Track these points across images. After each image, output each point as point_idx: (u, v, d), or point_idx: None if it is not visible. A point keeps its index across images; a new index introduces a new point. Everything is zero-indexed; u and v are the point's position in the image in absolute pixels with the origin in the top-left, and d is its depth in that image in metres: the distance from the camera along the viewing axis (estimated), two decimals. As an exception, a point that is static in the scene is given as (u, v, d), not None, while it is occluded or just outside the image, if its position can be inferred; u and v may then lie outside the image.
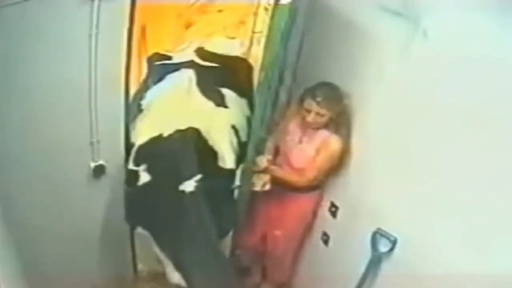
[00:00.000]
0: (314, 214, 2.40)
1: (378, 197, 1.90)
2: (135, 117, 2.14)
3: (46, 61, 1.68)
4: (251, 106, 2.29)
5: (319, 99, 2.05)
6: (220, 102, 2.16)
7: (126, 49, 1.87)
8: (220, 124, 2.07)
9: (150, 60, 2.57)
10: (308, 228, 2.46)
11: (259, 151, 2.17)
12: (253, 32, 2.96)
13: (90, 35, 1.70)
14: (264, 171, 2.18)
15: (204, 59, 2.42)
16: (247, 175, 2.12)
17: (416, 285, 1.66)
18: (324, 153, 2.14)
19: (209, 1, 3.03)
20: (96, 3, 1.65)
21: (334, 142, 2.11)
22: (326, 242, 2.34)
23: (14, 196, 1.80)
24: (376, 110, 1.92)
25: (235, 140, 2.08)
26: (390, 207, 1.83)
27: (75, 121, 1.88)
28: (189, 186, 1.82)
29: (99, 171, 2.05)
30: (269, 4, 2.60)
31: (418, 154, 1.68)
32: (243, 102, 2.32)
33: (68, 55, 1.72)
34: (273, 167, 2.21)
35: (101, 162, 2.03)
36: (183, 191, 1.81)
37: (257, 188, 2.19)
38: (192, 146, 1.90)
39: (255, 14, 2.92)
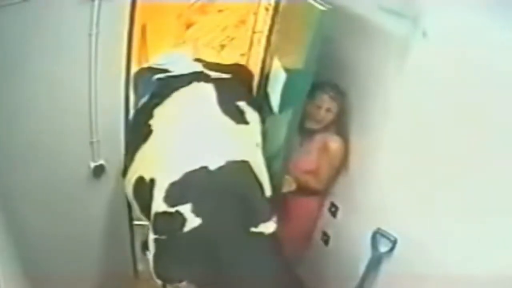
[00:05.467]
0: (317, 217, 2.39)
1: (378, 197, 1.90)
2: (144, 139, 1.90)
3: (46, 61, 1.68)
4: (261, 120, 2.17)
5: (332, 93, 2.05)
6: (242, 119, 1.99)
7: (126, 49, 1.87)
8: (254, 150, 1.90)
9: (139, 75, 2.27)
10: (311, 231, 2.46)
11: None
12: (254, 32, 2.96)
13: (90, 35, 1.70)
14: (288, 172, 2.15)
15: (210, 70, 2.21)
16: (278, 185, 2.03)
17: (416, 285, 1.66)
18: (327, 154, 2.14)
19: (209, 1, 3.03)
20: (96, 3, 1.65)
21: (334, 142, 2.12)
22: (326, 242, 2.34)
23: (14, 196, 1.80)
24: (376, 110, 1.92)
25: (264, 161, 1.91)
26: (390, 207, 1.83)
27: (75, 121, 1.88)
28: (268, 228, 1.66)
29: (99, 171, 2.05)
30: (269, 4, 2.60)
31: (418, 154, 1.68)
32: (257, 115, 2.14)
33: (68, 55, 1.72)
34: (295, 169, 2.18)
35: (101, 162, 2.03)
36: (261, 233, 1.64)
37: (285, 189, 2.13)
38: (250, 181, 1.72)
39: (256, 14, 2.92)
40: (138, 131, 1.97)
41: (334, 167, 2.17)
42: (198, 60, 2.42)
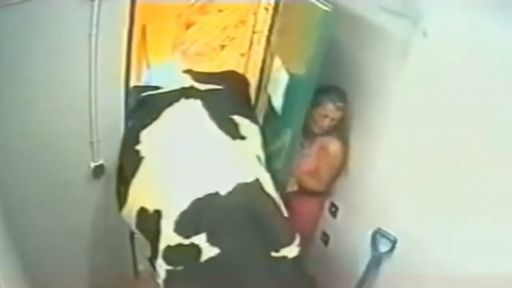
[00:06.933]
0: (318, 217, 2.39)
1: (378, 197, 1.90)
2: (135, 168, 1.81)
3: (46, 61, 1.68)
4: (261, 130, 2.11)
5: (338, 103, 2.04)
6: (238, 134, 1.89)
7: (126, 49, 1.87)
8: (258, 166, 1.81)
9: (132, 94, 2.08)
10: (311, 231, 2.46)
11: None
12: (253, 32, 2.96)
13: (90, 35, 1.70)
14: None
15: (201, 81, 2.07)
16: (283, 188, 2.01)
17: (416, 285, 1.66)
18: (327, 156, 2.14)
19: (209, 1, 3.03)
20: (96, 3, 1.65)
21: (333, 145, 2.12)
22: (326, 242, 2.34)
23: (14, 196, 1.80)
24: (376, 110, 1.92)
25: (268, 173, 1.82)
26: (390, 207, 1.83)
27: (75, 121, 1.88)
28: (291, 251, 1.59)
29: (99, 171, 2.04)
30: (269, 4, 2.60)
31: (418, 154, 1.68)
32: (255, 126, 2.07)
33: (68, 55, 1.72)
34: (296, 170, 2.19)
35: (101, 162, 2.03)
36: (284, 257, 1.56)
37: (289, 189, 2.14)
38: (264, 202, 1.62)
39: (255, 14, 2.92)
40: (127, 159, 1.89)
41: (334, 169, 2.17)
42: (187, 71, 2.24)
